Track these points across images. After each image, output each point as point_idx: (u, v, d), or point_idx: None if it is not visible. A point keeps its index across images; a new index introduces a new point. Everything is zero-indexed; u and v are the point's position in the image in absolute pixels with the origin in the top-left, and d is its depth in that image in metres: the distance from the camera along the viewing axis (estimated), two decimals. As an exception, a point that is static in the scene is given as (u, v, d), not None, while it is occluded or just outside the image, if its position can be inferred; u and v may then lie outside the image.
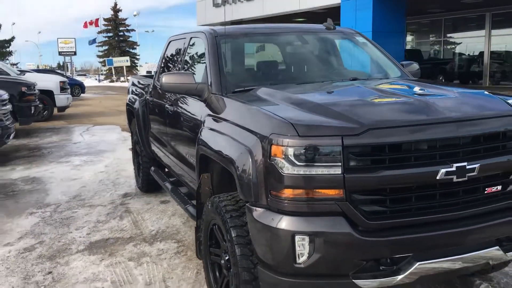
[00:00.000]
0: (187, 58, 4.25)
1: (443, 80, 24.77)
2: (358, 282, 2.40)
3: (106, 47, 63.03)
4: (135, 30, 66.74)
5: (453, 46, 29.24)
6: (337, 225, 2.35)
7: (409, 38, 32.46)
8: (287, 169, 2.36)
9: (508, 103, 2.80)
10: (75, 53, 51.78)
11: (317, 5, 22.13)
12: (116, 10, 64.79)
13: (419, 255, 2.45)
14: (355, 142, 2.35)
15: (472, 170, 2.46)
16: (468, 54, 27.67)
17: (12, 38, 41.82)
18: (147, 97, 5.23)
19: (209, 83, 3.48)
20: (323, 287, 2.46)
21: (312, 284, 2.44)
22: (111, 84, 50.55)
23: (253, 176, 2.53)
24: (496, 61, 25.26)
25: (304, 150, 2.34)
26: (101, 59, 64.68)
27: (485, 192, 2.60)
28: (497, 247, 2.58)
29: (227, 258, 2.84)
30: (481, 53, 25.53)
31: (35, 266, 3.96)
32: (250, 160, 2.55)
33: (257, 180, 2.51)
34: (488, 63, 25.00)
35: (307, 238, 2.36)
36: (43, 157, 8.86)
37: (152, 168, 5.52)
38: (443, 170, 2.40)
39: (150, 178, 5.69)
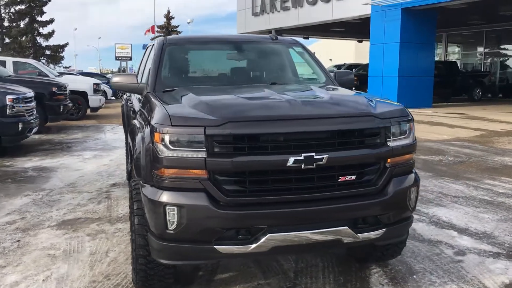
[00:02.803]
0: (147, 61, 4.89)
1: (480, 93, 24.40)
2: (218, 247, 2.91)
3: (159, 53, 65.13)
4: (186, 38, 68.66)
5: (494, 59, 28.67)
6: (197, 199, 2.86)
7: (454, 49, 32.07)
8: (163, 152, 2.91)
9: (371, 106, 3.24)
10: (130, 58, 53.79)
11: (348, 15, 22.45)
12: (168, 17, 67.16)
13: (273, 228, 2.93)
14: (216, 132, 2.86)
15: (320, 159, 2.91)
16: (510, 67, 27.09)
17: (66, 44, 44.34)
18: (126, 96, 5.92)
19: (147, 83, 4.09)
20: (189, 250, 2.97)
21: (181, 247, 2.96)
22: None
23: (143, 159, 3.10)
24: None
25: (175, 137, 2.88)
26: (154, 65, 66.85)
27: (339, 179, 3.04)
28: (346, 227, 3.02)
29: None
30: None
31: (8, 236, 4.67)
32: (142, 145, 3.12)
33: (145, 162, 3.07)
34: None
35: (175, 209, 2.89)
36: (60, 151, 9.76)
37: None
38: (292, 158, 2.88)
39: (133, 169, 6.34)
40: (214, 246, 2.91)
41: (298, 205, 2.97)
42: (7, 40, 42.05)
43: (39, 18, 43.06)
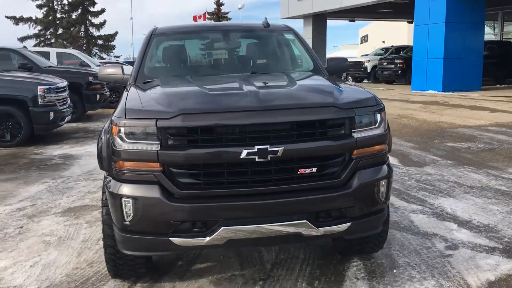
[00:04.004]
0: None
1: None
2: (173, 240, 2.92)
3: (209, 40, 66.13)
4: (236, 23, 69.21)
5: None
6: (150, 191, 2.88)
7: (511, 28, 30.33)
8: (119, 145, 2.93)
9: (336, 95, 3.12)
10: (182, 46, 54.75)
11: (392, -5, 21.69)
12: (219, 4, 67.62)
13: (228, 221, 2.90)
14: (168, 124, 2.85)
15: (275, 152, 2.84)
16: None
17: (116, 33, 45.72)
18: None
19: (131, 74, 4.12)
20: (146, 242, 3.00)
21: (138, 239, 3.00)
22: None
23: (104, 151, 3.14)
24: None
25: (130, 130, 2.90)
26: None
27: (298, 172, 2.96)
28: (306, 220, 2.94)
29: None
30: None
31: (14, 222, 4.90)
32: (104, 138, 3.17)
33: (106, 154, 3.11)
34: None
35: (130, 201, 2.92)
36: (92, 139, 10.08)
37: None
38: (245, 151, 2.82)
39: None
40: (170, 238, 2.92)
41: (254, 198, 2.92)
42: (59, 32, 43.78)
43: (91, 9, 44.60)
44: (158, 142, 2.86)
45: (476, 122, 10.75)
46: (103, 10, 44.77)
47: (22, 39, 43.08)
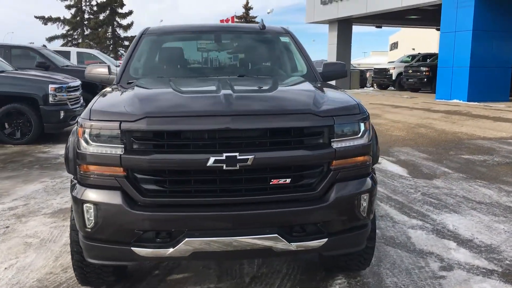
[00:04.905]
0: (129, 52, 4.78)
1: None
2: (135, 249, 2.75)
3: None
4: (264, 28, 69.35)
5: None
6: (112, 197, 2.72)
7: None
8: (84, 148, 2.79)
9: (315, 102, 2.90)
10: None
11: (419, 1, 21.23)
12: (247, 8, 67.87)
13: (193, 232, 2.72)
14: (132, 127, 2.69)
15: (245, 160, 2.64)
16: None
17: None
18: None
19: (117, 75, 4.00)
20: (108, 250, 2.83)
21: (99, 247, 2.83)
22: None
23: (70, 154, 3.00)
24: None
25: (93, 132, 2.76)
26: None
27: (271, 183, 2.76)
28: (276, 235, 2.73)
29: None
30: None
31: (1, 221, 4.82)
32: (71, 139, 3.03)
33: (72, 157, 2.97)
34: None
35: (92, 207, 2.77)
36: (102, 139, 10.04)
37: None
38: (213, 158, 2.64)
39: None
40: (132, 248, 2.76)
41: (222, 208, 2.73)
42: (86, 32, 44.46)
43: (119, 10, 45.20)
44: (123, 145, 2.70)
45: (497, 134, 10.32)
46: (130, 12, 45.38)
47: (50, 39, 44.07)
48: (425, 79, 23.93)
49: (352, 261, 3.40)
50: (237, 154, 2.65)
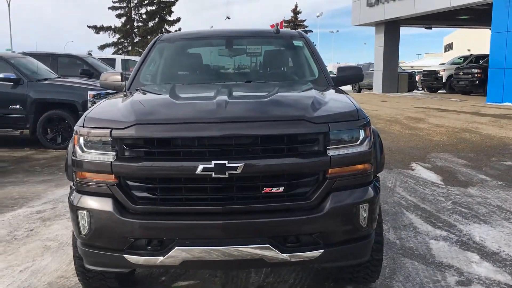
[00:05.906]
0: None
1: None
2: (127, 256, 2.75)
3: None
4: (312, 31, 69.12)
5: None
6: (103, 204, 2.73)
7: None
8: (79, 155, 2.82)
9: (310, 108, 2.80)
10: (260, 54, 55.58)
11: (469, 1, 20.42)
12: (296, 12, 67.89)
13: (184, 241, 2.68)
14: (123, 134, 2.69)
15: (235, 168, 2.59)
16: None
17: None
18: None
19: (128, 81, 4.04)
20: (102, 257, 2.84)
21: (94, 253, 2.85)
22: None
23: (69, 160, 3.04)
24: None
25: (87, 139, 2.78)
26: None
27: (263, 191, 2.68)
28: (268, 245, 2.65)
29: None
30: None
31: (27, 224, 4.98)
32: (70, 146, 3.07)
33: (71, 164, 3.01)
34: None
35: (86, 213, 2.79)
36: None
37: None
38: (201, 166, 2.60)
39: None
40: (124, 255, 2.76)
41: (213, 217, 2.68)
42: (136, 40, 45.72)
43: (167, 18, 46.32)
44: (114, 153, 2.71)
45: (547, 139, 9.73)
46: (178, 19, 46.46)
47: (102, 47, 45.72)
48: (477, 81, 23.01)
49: (358, 273, 3.26)
50: (226, 161, 2.59)
